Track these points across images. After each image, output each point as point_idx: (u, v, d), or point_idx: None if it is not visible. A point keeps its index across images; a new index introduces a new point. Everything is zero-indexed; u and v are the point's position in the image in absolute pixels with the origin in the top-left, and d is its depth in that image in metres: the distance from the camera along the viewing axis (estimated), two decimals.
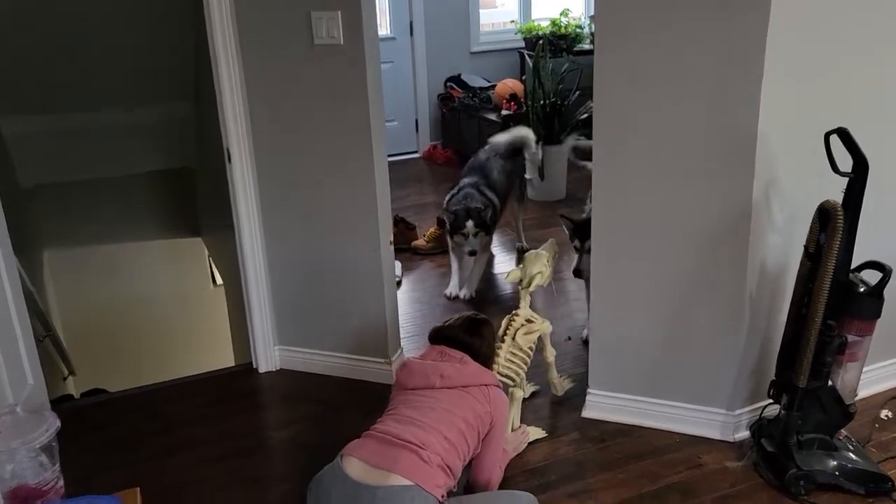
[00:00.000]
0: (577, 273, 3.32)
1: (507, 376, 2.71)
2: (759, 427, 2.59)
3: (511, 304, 3.46)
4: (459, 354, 2.35)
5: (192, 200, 5.33)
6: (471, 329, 2.45)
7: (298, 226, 3.11)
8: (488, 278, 4.28)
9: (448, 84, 6.57)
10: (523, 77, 6.52)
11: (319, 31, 2.75)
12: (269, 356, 3.32)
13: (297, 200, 3.06)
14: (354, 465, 2.05)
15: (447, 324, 2.49)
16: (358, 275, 3.09)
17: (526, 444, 2.71)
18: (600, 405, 2.89)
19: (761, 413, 2.62)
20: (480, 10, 6.64)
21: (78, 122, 4.53)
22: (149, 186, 5.26)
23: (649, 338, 2.75)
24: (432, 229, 4.67)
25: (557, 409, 2.97)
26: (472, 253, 3.98)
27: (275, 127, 2.98)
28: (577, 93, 5.26)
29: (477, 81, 6.50)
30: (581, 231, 3.26)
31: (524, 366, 2.79)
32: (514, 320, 2.82)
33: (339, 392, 3.15)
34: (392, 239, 3.12)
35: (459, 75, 6.58)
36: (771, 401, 2.55)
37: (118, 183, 5.02)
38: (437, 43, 6.48)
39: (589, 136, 2.78)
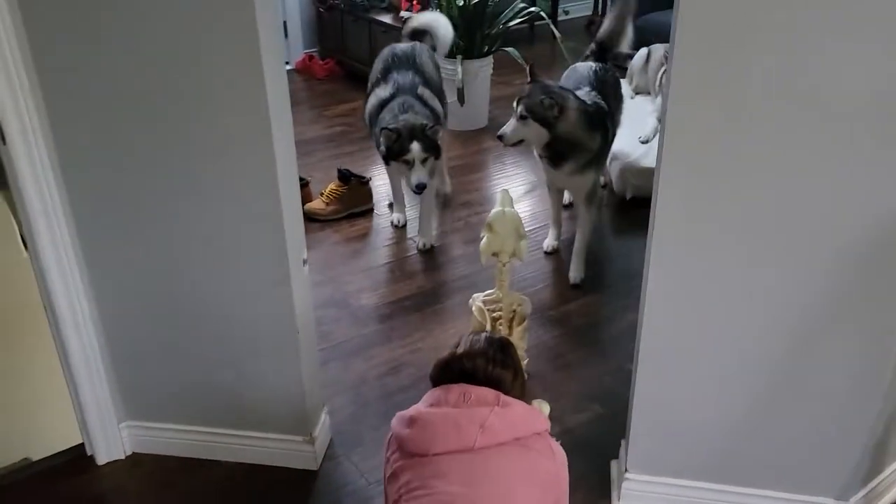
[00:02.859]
0: (502, 137, 2.80)
1: None
2: None
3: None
4: (492, 394, 1.53)
5: None
6: (498, 357, 1.60)
7: (143, 242, 1.86)
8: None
9: None
10: None
11: None
12: (111, 439, 2.11)
13: (137, 199, 1.80)
14: None
15: (462, 352, 1.59)
16: (256, 313, 1.91)
17: None
18: (644, 495, 1.93)
19: None
20: None
21: None
22: None
23: (731, 406, 1.79)
24: (332, 185, 3.43)
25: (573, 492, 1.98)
26: (421, 188, 2.94)
27: (82, 80, 1.67)
28: None
29: None
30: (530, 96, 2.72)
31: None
32: (499, 309, 2.05)
33: (232, 490, 2.02)
34: (306, 257, 1.93)
35: None
36: None
37: None
38: None
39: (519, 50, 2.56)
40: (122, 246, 1.87)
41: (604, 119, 2.92)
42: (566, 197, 3.35)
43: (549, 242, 3.20)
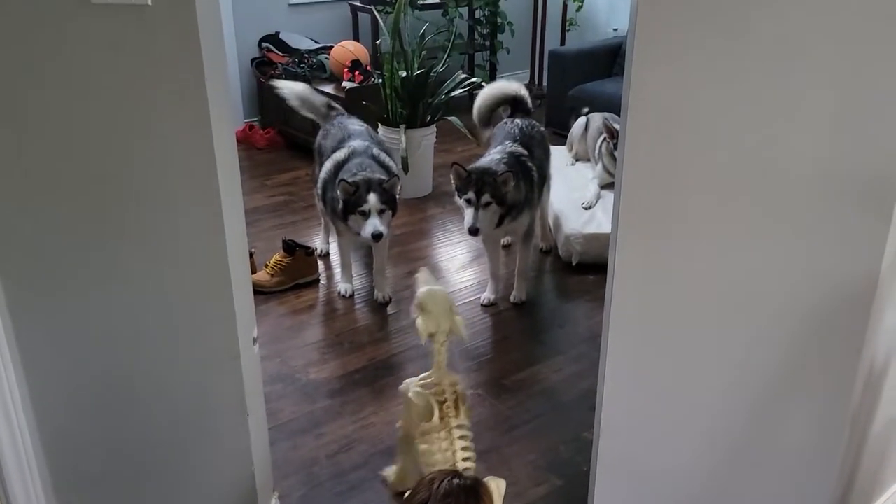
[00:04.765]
0: (474, 231, 2.99)
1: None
2: None
3: None
4: None
5: None
6: None
7: (81, 322, 1.76)
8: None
9: (264, 45, 5.15)
10: (357, 37, 5.29)
11: None
12: None
13: (74, 275, 1.72)
14: None
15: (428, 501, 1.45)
16: (204, 395, 1.82)
17: None
18: None
19: None
20: None
21: None
22: None
23: (696, 473, 1.78)
24: (277, 256, 3.37)
25: None
26: (377, 237, 3.02)
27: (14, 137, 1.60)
28: (447, 61, 4.14)
29: (301, 42, 5.15)
30: (478, 182, 2.95)
31: None
32: (442, 391, 1.96)
33: None
34: (256, 335, 1.87)
35: (277, 34, 5.18)
36: None
37: None
38: None
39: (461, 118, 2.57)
40: (58, 326, 1.77)
41: (526, 166, 3.14)
42: (503, 240, 3.50)
43: (486, 296, 3.23)
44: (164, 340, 1.76)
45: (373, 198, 2.98)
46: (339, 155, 3.25)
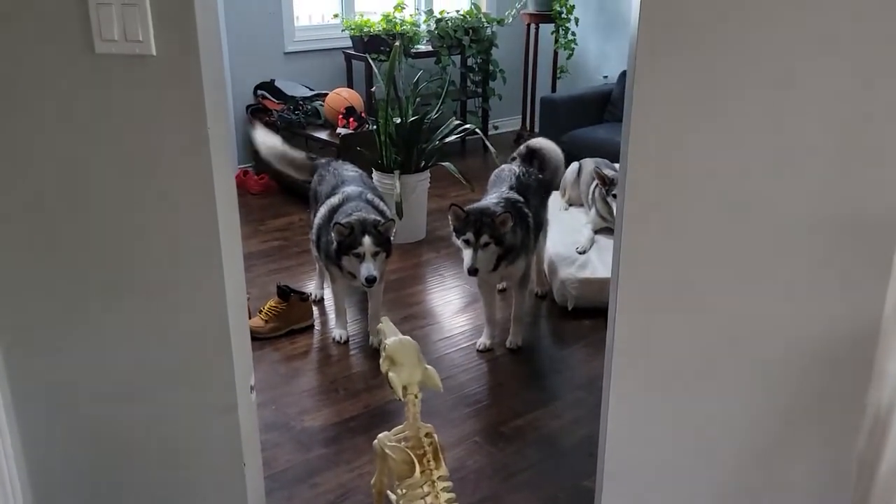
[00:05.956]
0: (473, 272, 2.99)
1: None
2: None
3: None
4: None
5: None
6: None
7: (76, 369, 1.74)
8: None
9: (259, 93, 5.20)
10: (351, 84, 5.35)
11: (106, 27, 1.42)
12: None
13: (70, 318, 1.70)
14: None
15: None
16: (199, 445, 1.79)
17: None
18: None
19: None
20: (295, 1, 5.33)
21: None
22: None
23: None
24: (272, 302, 3.36)
25: None
26: (371, 281, 3.00)
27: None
28: (441, 107, 4.18)
29: (296, 90, 5.20)
30: (476, 223, 2.97)
31: None
32: (420, 443, 1.90)
33: None
34: (253, 383, 1.85)
35: (272, 81, 5.23)
36: None
37: None
38: (242, 41, 5.09)
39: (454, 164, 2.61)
40: (53, 376, 1.75)
41: (522, 212, 3.16)
42: (499, 284, 3.47)
43: (482, 341, 3.22)
44: (161, 390, 1.74)
45: (367, 240, 2.99)
46: (334, 200, 3.27)
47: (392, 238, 3.13)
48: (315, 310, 3.52)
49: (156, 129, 1.52)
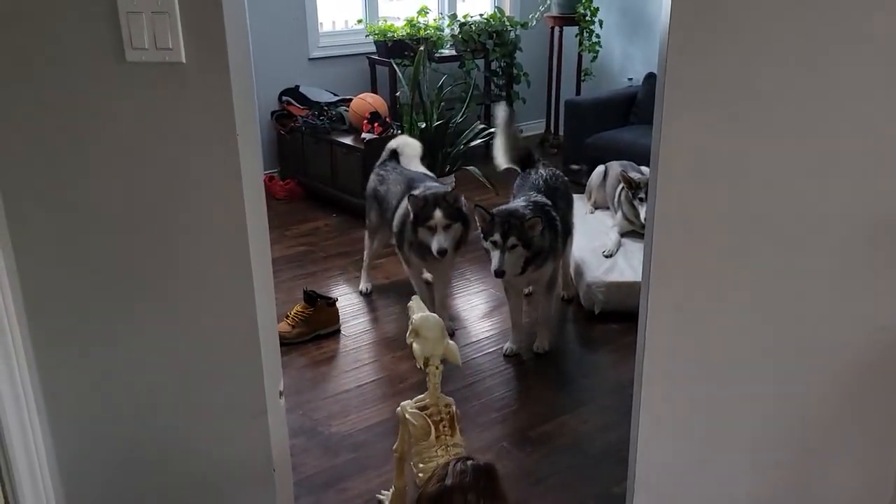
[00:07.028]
0: (500, 273, 2.97)
1: None
2: None
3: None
4: None
5: None
6: (488, 489, 1.54)
7: (108, 375, 1.76)
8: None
9: (284, 98, 5.23)
10: (375, 89, 5.37)
11: (136, 35, 1.44)
12: None
13: (103, 325, 1.72)
14: None
15: (452, 485, 1.52)
16: (229, 450, 1.80)
17: None
18: None
19: None
20: (318, 5, 5.36)
21: None
22: None
23: None
24: (298, 307, 3.37)
25: None
26: (441, 252, 3.10)
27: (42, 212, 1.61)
28: (465, 111, 4.18)
29: (321, 95, 5.22)
30: (503, 224, 2.94)
31: None
32: (438, 411, 2.05)
33: None
34: (282, 388, 1.85)
35: (297, 87, 5.26)
36: None
37: None
38: (266, 47, 5.12)
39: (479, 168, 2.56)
40: (84, 383, 1.76)
41: (550, 216, 3.14)
42: (525, 289, 3.45)
43: (509, 346, 3.21)
44: (191, 396, 1.76)
45: (438, 213, 3.11)
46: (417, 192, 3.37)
47: (463, 207, 3.21)
48: (342, 312, 3.52)
49: (185, 136, 1.53)
